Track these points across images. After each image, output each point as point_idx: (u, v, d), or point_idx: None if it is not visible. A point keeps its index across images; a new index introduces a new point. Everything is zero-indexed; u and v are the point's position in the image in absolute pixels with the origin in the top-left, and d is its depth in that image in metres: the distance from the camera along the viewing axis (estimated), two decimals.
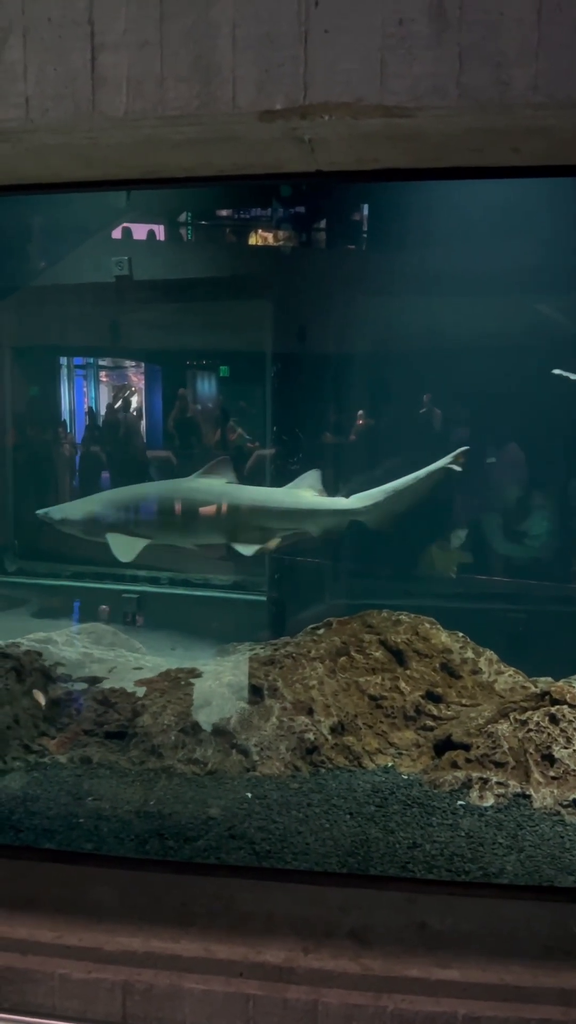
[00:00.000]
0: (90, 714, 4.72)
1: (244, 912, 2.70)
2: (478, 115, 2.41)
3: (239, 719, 4.52)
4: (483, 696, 4.77)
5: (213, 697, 4.72)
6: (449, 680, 4.85)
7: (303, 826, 3.80)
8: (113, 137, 2.53)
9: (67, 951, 2.55)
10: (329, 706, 4.58)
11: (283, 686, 4.65)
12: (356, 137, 2.52)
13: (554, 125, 2.42)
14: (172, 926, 2.63)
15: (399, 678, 4.80)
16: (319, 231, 7.45)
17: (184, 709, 4.61)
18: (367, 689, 4.73)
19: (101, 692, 4.81)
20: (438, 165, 2.73)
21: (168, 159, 2.69)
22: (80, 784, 4.19)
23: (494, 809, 3.92)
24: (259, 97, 2.39)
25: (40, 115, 2.46)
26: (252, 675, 4.78)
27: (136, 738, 4.49)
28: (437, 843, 3.66)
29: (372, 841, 3.67)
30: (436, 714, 4.63)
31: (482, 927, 2.61)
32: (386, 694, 4.71)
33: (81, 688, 4.95)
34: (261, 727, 4.47)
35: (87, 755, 4.43)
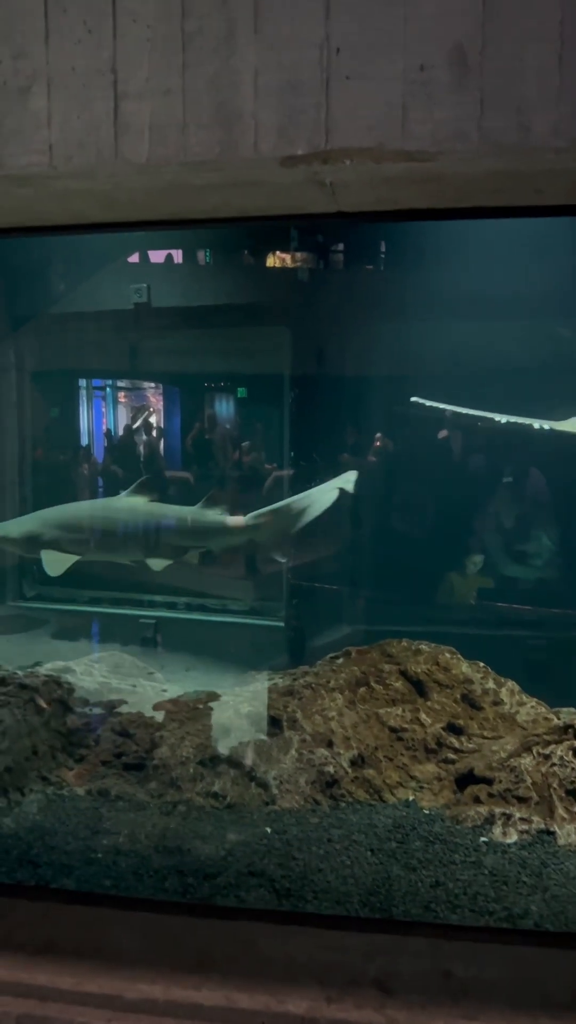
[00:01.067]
0: (108, 745, 4.70)
1: (265, 958, 2.67)
2: (499, 158, 2.41)
3: (258, 751, 4.50)
4: (505, 728, 4.72)
5: (232, 728, 4.69)
6: (470, 712, 4.80)
7: (324, 863, 3.76)
8: (136, 182, 2.54)
9: (87, 998, 2.53)
10: (349, 738, 4.55)
11: (302, 717, 4.63)
12: (377, 180, 2.52)
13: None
14: (192, 973, 2.60)
15: (420, 709, 4.76)
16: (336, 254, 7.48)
17: (203, 741, 4.59)
18: (387, 721, 4.69)
19: (120, 723, 4.80)
20: (459, 206, 2.73)
21: (190, 202, 2.70)
22: (98, 817, 4.18)
23: (518, 846, 3.87)
24: (281, 143, 2.40)
25: (63, 162, 2.48)
26: (271, 706, 4.75)
27: (155, 770, 4.47)
28: (460, 881, 3.61)
29: (394, 879, 3.63)
30: (457, 747, 4.59)
31: (509, 976, 2.56)
32: (407, 726, 4.67)
33: (99, 717, 4.94)
34: (280, 760, 4.44)
35: (105, 787, 4.42)
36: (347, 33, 2.35)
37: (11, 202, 2.71)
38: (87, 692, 5.05)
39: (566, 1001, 2.57)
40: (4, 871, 3.69)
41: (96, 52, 2.43)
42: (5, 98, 2.49)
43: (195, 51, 2.40)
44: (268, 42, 2.38)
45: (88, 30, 2.43)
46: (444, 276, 6.35)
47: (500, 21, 2.29)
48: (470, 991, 2.51)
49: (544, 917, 3.28)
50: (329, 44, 2.36)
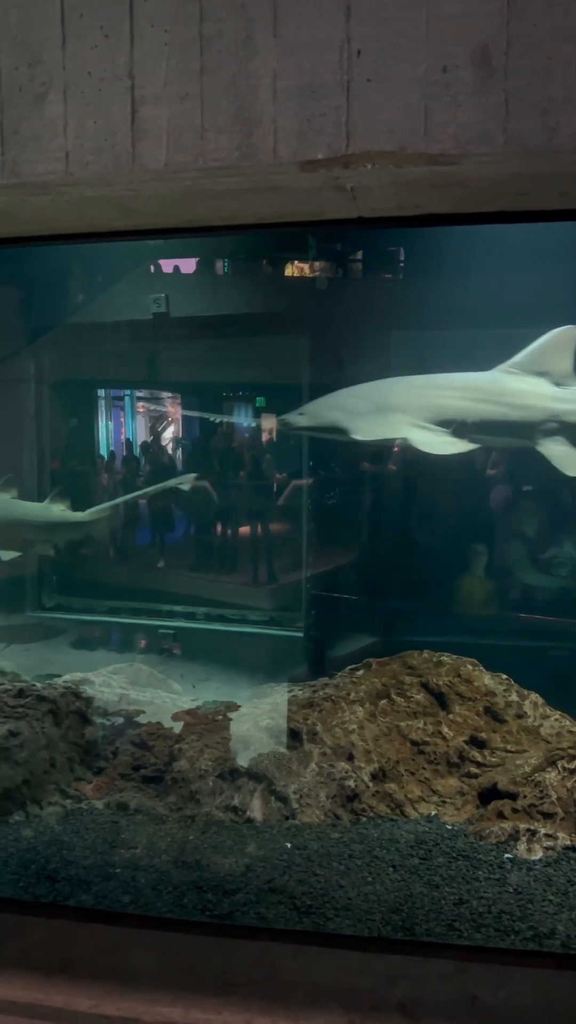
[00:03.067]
0: (127, 757, 4.66)
1: (287, 981, 2.60)
2: (524, 161, 2.35)
3: (277, 764, 4.43)
4: (529, 742, 4.63)
5: (251, 741, 4.63)
6: (493, 725, 4.71)
7: (344, 879, 3.69)
8: (153, 189, 2.50)
9: (105, 1021, 2.47)
10: (370, 752, 4.48)
11: (322, 730, 4.56)
12: (399, 184, 2.47)
13: None
14: (213, 995, 2.54)
15: (442, 722, 4.68)
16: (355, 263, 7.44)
17: (221, 753, 4.53)
18: (409, 734, 4.61)
19: (138, 735, 4.75)
20: (482, 210, 2.67)
21: (208, 209, 2.66)
22: (117, 831, 4.12)
23: (543, 863, 3.78)
24: (301, 147, 2.35)
25: (80, 168, 2.44)
26: (291, 718, 4.68)
27: (173, 783, 4.42)
28: (484, 900, 3.53)
29: (417, 897, 3.56)
30: (480, 761, 4.50)
31: (537, 1001, 2.49)
32: (428, 739, 4.59)
33: (117, 729, 4.89)
34: (300, 773, 4.38)
35: (124, 800, 4.37)
36: (368, 35, 2.31)
37: (27, 211, 2.68)
38: (105, 703, 5.01)
39: None
40: (21, 886, 3.64)
41: (113, 57, 2.40)
42: (21, 104, 2.46)
43: (213, 55, 2.36)
44: (287, 45, 2.34)
45: (105, 35, 2.40)
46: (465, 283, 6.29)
47: (525, 20, 2.24)
48: (498, 1017, 2.44)
49: (572, 937, 3.20)
50: (350, 46, 2.31)
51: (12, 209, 2.64)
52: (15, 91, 2.45)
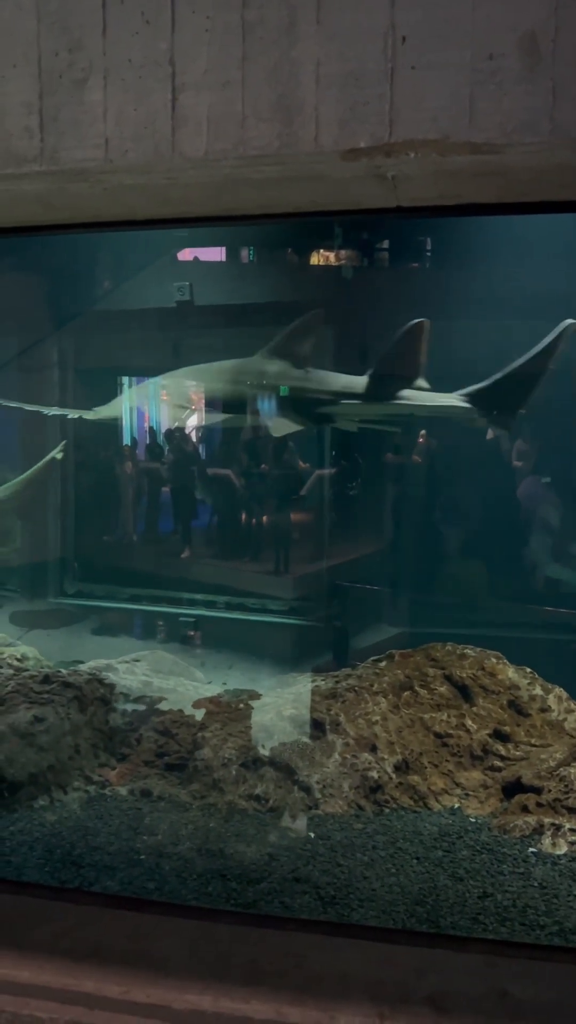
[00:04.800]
0: (150, 745, 4.68)
1: (315, 972, 2.61)
2: (570, 151, 2.31)
3: (300, 754, 4.44)
4: (553, 736, 4.62)
5: (274, 731, 4.64)
6: (517, 718, 4.70)
7: (368, 871, 3.70)
8: (192, 177, 2.48)
9: (135, 1008, 2.48)
10: (393, 743, 4.48)
11: (345, 721, 4.56)
12: (441, 174, 2.44)
13: None
14: (241, 984, 2.54)
15: (465, 715, 4.67)
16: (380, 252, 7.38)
17: (245, 743, 4.54)
18: (432, 726, 4.61)
19: (162, 722, 4.77)
20: (523, 200, 2.63)
21: (246, 198, 2.64)
22: (140, 818, 4.15)
23: (568, 858, 3.78)
24: (343, 136, 2.32)
25: (119, 156, 2.42)
26: (314, 708, 4.69)
27: (196, 771, 4.44)
28: (509, 893, 3.53)
29: (441, 889, 3.56)
30: (504, 754, 4.50)
31: (567, 997, 2.48)
32: (452, 732, 4.59)
33: (141, 716, 4.91)
34: (323, 764, 4.38)
35: (147, 787, 4.40)
36: (413, 21, 2.27)
37: (64, 198, 2.66)
38: (129, 690, 5.03)
39: None
40: (48, 871, 3.67)
41: (153, 43, 2.37)
42: (61, 91, 2.44)
43: (255, 42, 2.33)
44: (330, 32, 2.30)
45: (146, 21, 2.38)
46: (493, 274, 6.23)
47: (574, 7, 2.20)
48: (528, 1012, 2.43)
49: None
50: (394, 33, 2.28)
51: (50, 196, 2.63)
52: (55, 77, 2.43)
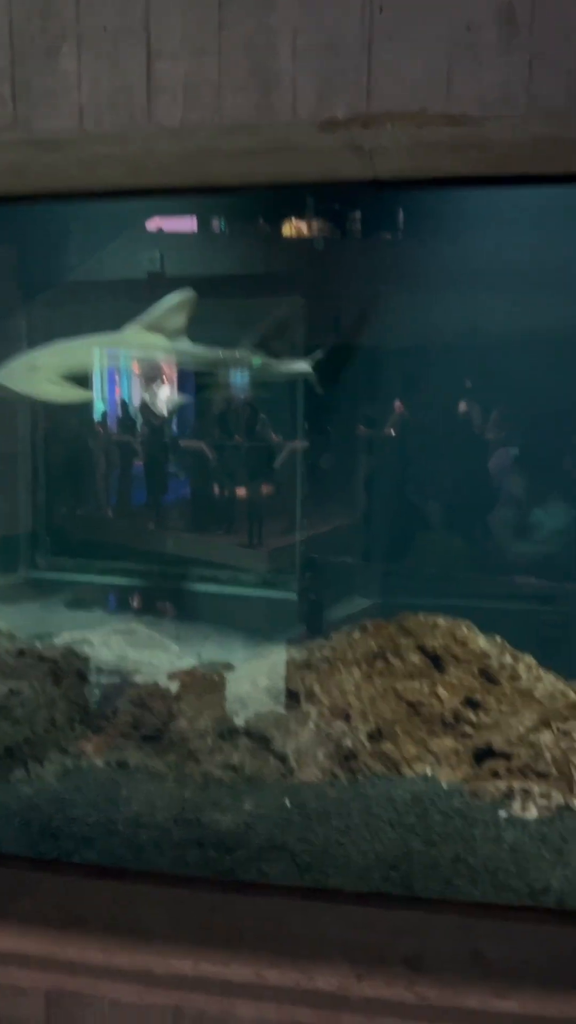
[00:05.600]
0: (126, 717, 4.70)
1: (294, 935, 2.67)
2: (547, 123, 2.33)
3: (275, 724, 4.49)
4: (523, 703, 4.69)
5: (249, 701, 4.68)
6: (488, 686, 4.77)
7: (344, 837, 3.75)
8: (168, 147, 2.46)
9: (117, 974, 2.53)
10: (366, 712, 4.53)
11: (320, 690, 4.61)
12: (418, 146, 2.44)
13: None
14: (221, 948, 2.61)
15: (437, 684, 4.73)
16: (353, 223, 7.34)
17: (220, 713, 4.58)
18: (405, 695, 4.67)
19: (137, 694, 4.79)
20: (500, 173, 2.64)
21: (222, 168, 2.62)
22: (117, 788, 4.17)
23: (538, 821, 3.86)
24: (320, 106, 2.31)
25: (94, 125, 2.39)
26: (288, 678, 4.73)
27: (172, 742, 4.47)
28: (480, 856, 3.60)
29: (414, 854, 3.63)
30: (475, 721, 4.56)
31: (539, 955, 2.56)
32: (424, 700, 4.65)
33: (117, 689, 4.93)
34: (298, 732, 4.43)
35: (124, 758, 4.42)
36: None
37: (38, 168, 2.63)
38: (104, 663, 5.04)
39: None
40: (26, 843, 3.69)
41: (128, 10, 2.34)
42: (33, 59, 2.40)
43: (232, 10, 2.31)
44: (308, 1, 2.29)
45: None
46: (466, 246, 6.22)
47: None
48: (501, 970, 2.52)
49: (566, 894, 3.28)
50: (372, 3, 2.27)
51: (23, 166, 2.59)
52: (27, 43, 2.39)
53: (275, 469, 7.33)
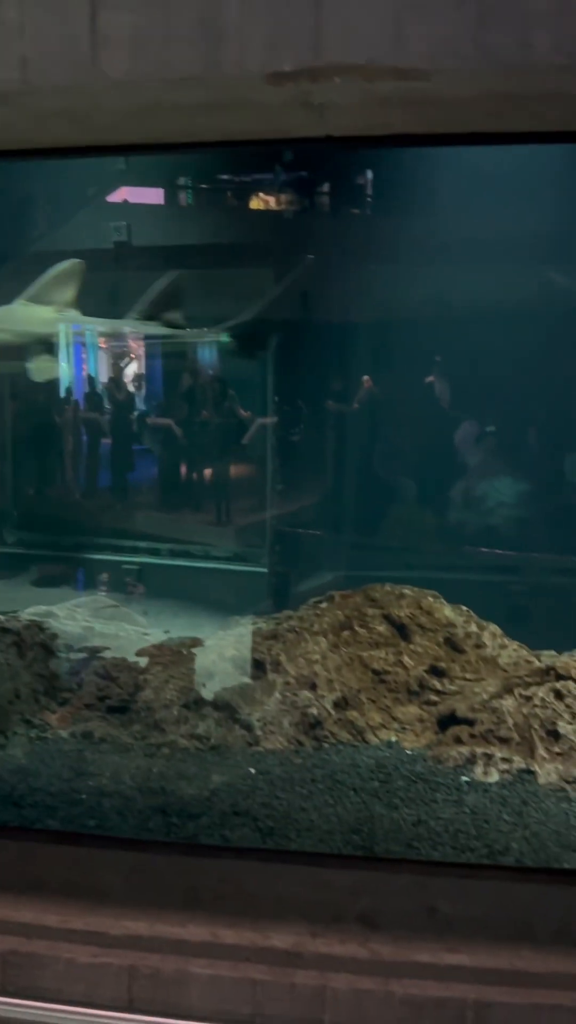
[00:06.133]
0: (92, 688, 4.68)
1: (251, 895, 2.68)
2: (498, 78, 2.30)
3: (241, 693, 4.49)
4: (487, 671, 4.74)
5: (216, 671, 4.69)
6: (453, 655, 4.81)
7: (307, 802, 3.78)
8: (116, 100, 2.41)
9: (73, 935, 2.53)
10: (332, 681, 4.55)
11: (286, 660, 4.62)
12: (369, 101, 2.41)
13: None
14: (178, 910, 2.61)
15: (403, 652, 4.76)
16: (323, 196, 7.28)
17: (186, 684, 4.58)
18: (370, 664, 4.69)
19: (103, 666, 4.77)
20: (454, 131, 2.62)
21: (172, 124, 2.58)
22: (82, 759, 4.17)
23: (499, 785, 3.90)
24: (268, 59, 2.28)
25: (38, 76, 2.34)
26: (255, 649, 4.74)
27: (138, 713, 4.46)
28: (442, 820, 3.64)
29: (376, 818, 3.66)
30: (440, 689, 4.60)
31: (493, 911, 2.59)
32: (389, 668, 4.68)
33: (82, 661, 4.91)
34: (264, 702, 4.45)
35: (89, 730, 4.41)
36: None
37: None
38: (70, 636, 5.02)
39: (548, 935, 2.61)
40: None
41: None
42: None
43: None
44: None
45: None
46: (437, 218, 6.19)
47: None
48: (454, 926, 2.54)
49: (524, 854, 3.32)
50: None
51: None
52: None
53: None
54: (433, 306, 6.25)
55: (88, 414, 7.85)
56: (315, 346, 6.80)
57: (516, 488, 6.65)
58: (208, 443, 7.44)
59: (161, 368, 7.95)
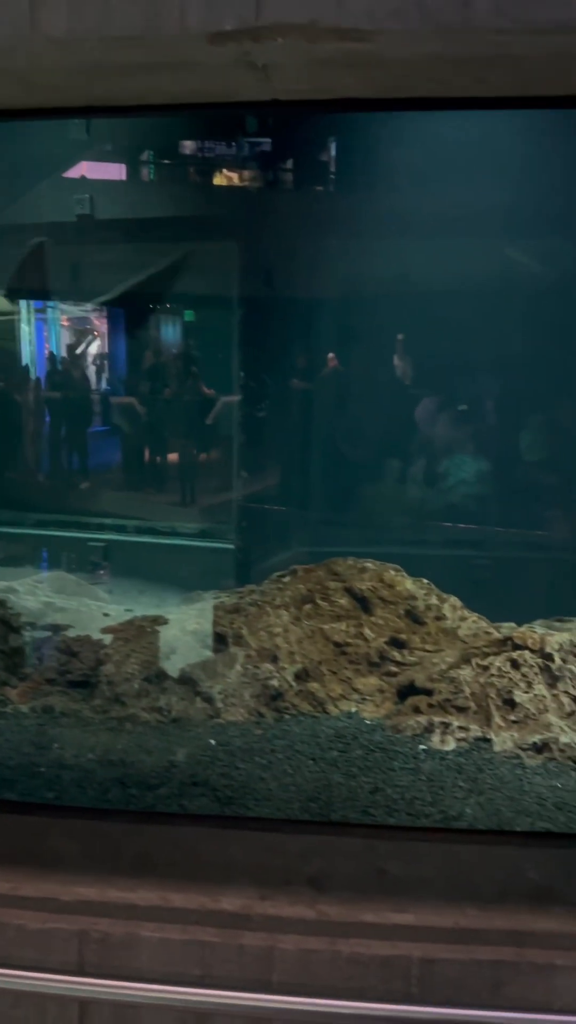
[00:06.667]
0: (53, 663, 4.68)
1: (203, 861, 2.70)
2: (440, 40, 2.29)
3: (203, 667, 4.51)
4: (446, 642, 4.78)
5: (177, 645, 4.69)
6: (413, 627, 4.85)
7: (266, 772, 3.81)
8: (57, 61, 2.38)
9: (23, 902, 2.54)
10: (293, 653, 4.58)
11: (247, 634, 4.63)
12: (312, 63, 2.39)
13: (520, 53, 2.31)
14: (129, 876, 2.63)
15: (364, 625, 4.79)
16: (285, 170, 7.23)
17: (148, 658, 4.58)
18: (332, 636, 4.72)
19: (64, 641, 4.76)
20: (399, 95, 2.61)
21: (116, 86, 2.55)
22: (42, 733, 4.17)
23: (455, 753, 3.95)
24: (209, 18, 2.25)
25: None
26: (217, 623, 4.75)
27: (99, 687, 4.46)
28: (398, 787, 3.68)
29: (334, 786, 3.69)
30: (400, 660, 4.64)
31: (439, 872, 2.63)
32: (351, 641, 4.71)
33: (44, 637, 4.90)
34: (225, 674, 4.46)
35: (49, 704, 4.40)
36: None
37: None
38: (30, 612, 5.00)
39: (492, 894, 2.65)
40: None
41: None
42: None
43: None
44: None
45: None
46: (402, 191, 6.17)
47: None
48: (402, 887, 2.58)
49: (478, 819, 3.37)
50: None
51: None
52: None
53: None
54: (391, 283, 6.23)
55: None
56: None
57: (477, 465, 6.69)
58: (168, 420, 7.39)
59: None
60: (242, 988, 2.37)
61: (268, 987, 2.41)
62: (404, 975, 2.41)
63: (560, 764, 3.80)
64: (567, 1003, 2.41)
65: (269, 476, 7.24)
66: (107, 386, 8.15)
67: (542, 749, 3.86)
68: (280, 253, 6.72)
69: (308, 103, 2.63)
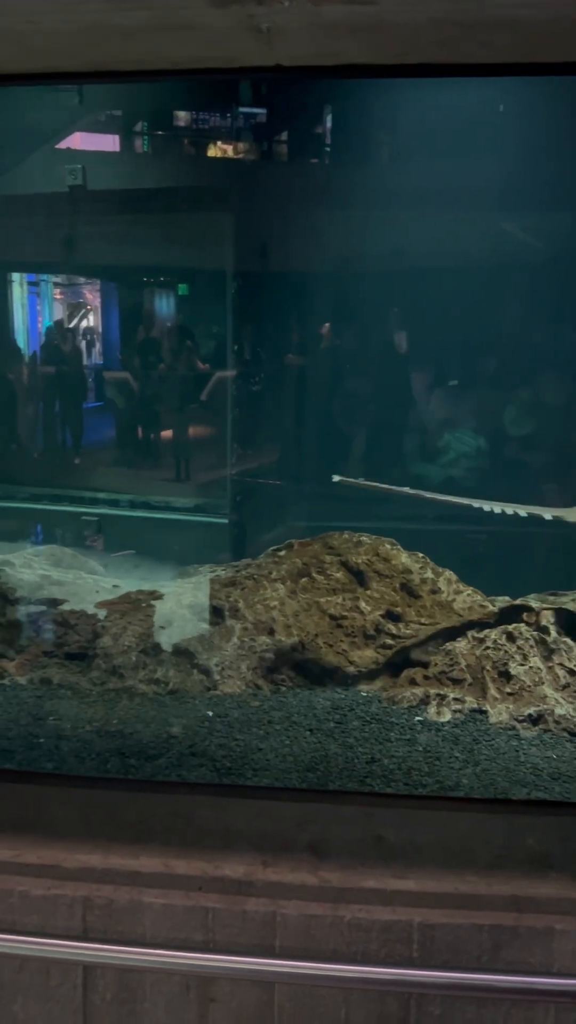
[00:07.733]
0: (50, 636, 4.69)
1: (203, 828, 2.73)
2: (444, 3, 2.26)
3: (200, 639, 4.52)
4: (442, 615, 4.81)
5: (174, 618, 4.71)
6: (409, 600, 4.87)
7: (264, 743, 3.83)
8: (56, 22, 2.34)
9: (26, 869, 2.56)
10: (290, 626, 4.60)
11: (244, 607, 4.65)
12: (317, 27, 2.36)
13: (524, 16, 2.28)
14: (131, 843, 2.65)
15: (359, 598, 4.81)
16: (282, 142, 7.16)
17: (145, 630, 4.60)
18: (328, 609, 4.74)
19: (61, 614, 4.77)
20: (403, 61, 2.58)
21: (117, 49, 2.51)
22: (40, 705, 4.18)
23: (451, 724, 3.99)
24: None
25: None
26: (213, 596, 4.76)
27: (96, 659, 4.48)
28: (395, 758, 3.72)
29: (331, 757, 3.73)
30: (395, 633, 4.67)
31: (437, 839, 2.67)
32: (346, 614, 4.73)
33: (40, 610, 4.90)
34: (222, 647, 4.48)
35: (47, 676, 4.42)
36: None
37: None
38: (27, 585, 4.99)
39: (490, 860, 2.69)
40: None
41: None
42: None
43: None
44: None
45: None
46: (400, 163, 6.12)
47: None
48: (401, 853, 2.61)
49: (474, 790, 3.41)
50: None
51: None
52: None
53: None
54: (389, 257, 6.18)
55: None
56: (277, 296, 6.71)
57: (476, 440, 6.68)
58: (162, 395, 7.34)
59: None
60: (245, 953, 2.40)
61: (271, 952, 2.44)
62: (405, 939, 2.45)
63: (555, 735, 3.84)
64: (564, 966, 2.46)
65: (265, 450, 7.23)
66: (100, 360, 8.09)
67: (537, 721, 3.90)
68: (276, 225, 6.66)
69: (311, 68, 2.60)
